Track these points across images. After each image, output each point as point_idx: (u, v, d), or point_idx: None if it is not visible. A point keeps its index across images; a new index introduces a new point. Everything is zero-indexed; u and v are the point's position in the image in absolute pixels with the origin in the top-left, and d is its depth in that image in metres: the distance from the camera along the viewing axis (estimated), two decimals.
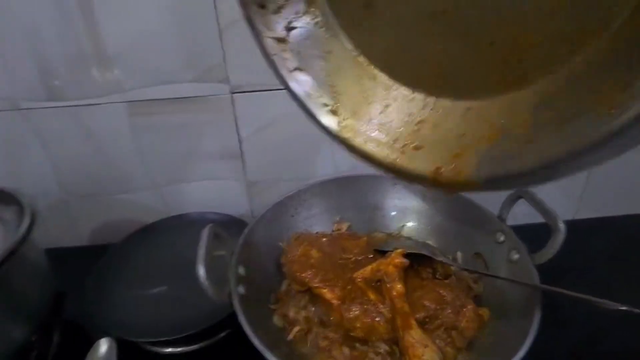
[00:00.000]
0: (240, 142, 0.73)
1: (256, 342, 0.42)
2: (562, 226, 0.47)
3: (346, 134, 0.42)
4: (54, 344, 0.62)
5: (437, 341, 0.47)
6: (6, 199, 0.56)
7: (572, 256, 0.70)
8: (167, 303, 0.63)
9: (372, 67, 0.40)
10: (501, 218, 0.56)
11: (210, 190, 0.79)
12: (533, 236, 0.52)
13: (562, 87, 0.29)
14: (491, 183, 0.33)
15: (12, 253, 0.49)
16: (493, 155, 0.33)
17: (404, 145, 0.39)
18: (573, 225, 0.79)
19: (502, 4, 0.31)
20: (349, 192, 0.66)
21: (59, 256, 0.75)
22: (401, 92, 0.39)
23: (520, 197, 0.54)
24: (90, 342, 0.59)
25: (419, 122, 0.38)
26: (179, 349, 0.61)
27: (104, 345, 0.59)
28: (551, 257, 0.48)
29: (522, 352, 0.40)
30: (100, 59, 0.64)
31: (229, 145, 0.73)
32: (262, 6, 0.39)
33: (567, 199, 0.81)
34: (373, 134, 0.41)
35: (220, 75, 0.67)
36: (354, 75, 0.41)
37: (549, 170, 0.29)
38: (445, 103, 0.37)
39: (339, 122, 0.42)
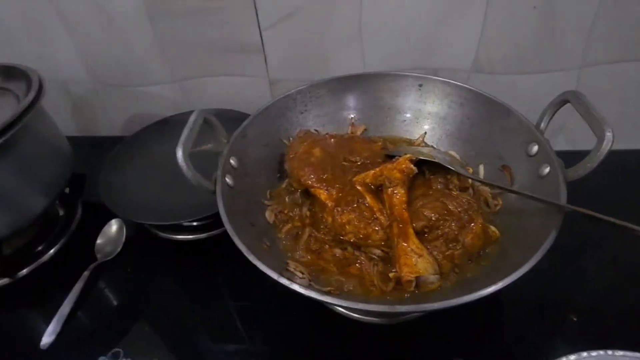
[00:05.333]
0: (261, 33, 0.67)
1: (229, 228, 0.39)
2: (609, 135, 0.38)
3: None
4: (76, 219, 0.66)
5: (435, 253, 0.42)
6: (18, 75, 0.57)
7: None
8: (176, 192, 0.63)
9: None
10: (539, 127, 0.47)
11: (232, 87, 0.75)
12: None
13: None
14: None
15: (18, 120, 0.49)
16: None
17: None
18: None
19: None
20: (368, 91, 0.59)
21: (90, 143, 0.79)
22: None
23: (566, 102, 0.44)
24: (107, 221, 0.63)
25: None
26: (189, 237, 0.62)
27: (114, 225, 0.62)
28: (588, 173, 0.39)
29: (516, 275, 0.34)
30: None
31: (249, 37, 0.68)
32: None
33: None
34: None
35: None
36: None
37: None
38: None
39: None
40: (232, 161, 0.48)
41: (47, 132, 0.59)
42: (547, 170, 0.44)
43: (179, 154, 0.41)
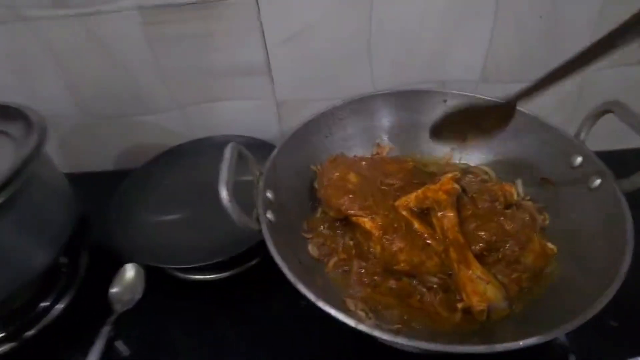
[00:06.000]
0: (267, 54, 0.64)
1: (289, 274, 0.36)
2: None
3: None
4: (82, 267, 0.60)
5: (500, 277, 0.41)
6: (13, 115, 0.51)
7: None
8: (193, 229, 0.59)
9: None
10: (579, 138, 0.47)
11: (237, 111, 0.72)
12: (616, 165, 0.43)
13: None
14: None
15: (22, 169, 0.44)
16: None
17: None
18: None
19: None
20: (391, 110, 0.57)
21: (83, 181, 0.72)
22: None
23: (607, 112, 0.44)
24: (117, 266, 0.57)
25: None
26: (209, 277, 0.58)
27: (130, 271, 0.57)
28: None
29: (600, 305, 0.32)
30: None
31: (255, 59, 0.65)
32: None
33: None
34: None
35: None
36: None
37: None
38: None
39: None
40: (268, 195, 0.45)
41: (49, 177, 0.53)
42: (597, 182, 0.43)
43: (223, 194, 0.38)
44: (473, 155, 0.56)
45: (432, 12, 0.60)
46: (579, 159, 0.46)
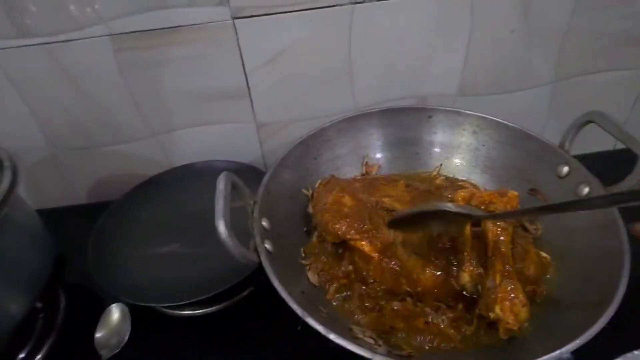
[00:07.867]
0: (246, 77, 0.63)
1: (297, 308, 0.35)
2: None
3: None
4: (61, 310, 0.56)
5: None
6: None
7: None
8: (179, 262, 0.57)
9: None
10: (563, 148, 0.48)
11: (216, 135, 0.70)
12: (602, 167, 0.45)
13: None
14: None
15: None
16: None
17: None
18: None
19: None
20: (377, 128, 0.57)
21: (55, 217, 0.68)
22: None
23: (589, 122, 0.46)
24: (99, 307, 0.54)
25: None
26: (198, 311, 0.56)
27: (115, 312, 0.54)
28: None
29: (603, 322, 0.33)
30: None
31: (233, 82, 0.64)
32: None
33: None
34: None
35: None
36: None
37: None
38: None
39: None
40: (264, 223, 0.44)
41: (22, 219, 0.50)
42: (586, 190, 0.44)
43: (221, 228, 0.36)
44: (461, 168, 0.57)
45: (410, 29, 0.61)
46: (566, 169, 0.47)
